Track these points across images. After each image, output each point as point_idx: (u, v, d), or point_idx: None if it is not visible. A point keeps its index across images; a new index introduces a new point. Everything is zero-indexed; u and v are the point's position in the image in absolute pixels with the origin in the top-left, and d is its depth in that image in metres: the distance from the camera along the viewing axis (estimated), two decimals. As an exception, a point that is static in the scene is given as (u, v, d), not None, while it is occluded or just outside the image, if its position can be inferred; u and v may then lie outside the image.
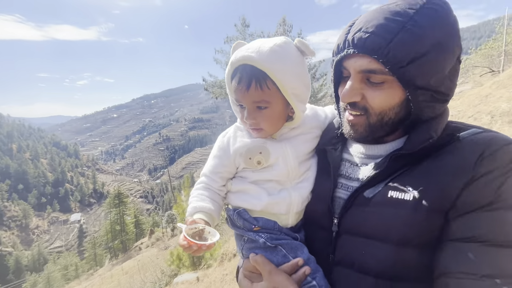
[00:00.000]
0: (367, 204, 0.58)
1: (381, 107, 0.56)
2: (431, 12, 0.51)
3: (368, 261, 0.56)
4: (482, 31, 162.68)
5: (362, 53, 0.54)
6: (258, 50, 0.60)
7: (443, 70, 0.53)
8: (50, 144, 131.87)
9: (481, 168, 0.49)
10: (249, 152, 0.68)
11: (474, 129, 0.56)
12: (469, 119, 6.45)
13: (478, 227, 0.47)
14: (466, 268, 0.46)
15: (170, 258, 8.50)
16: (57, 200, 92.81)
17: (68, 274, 32.24)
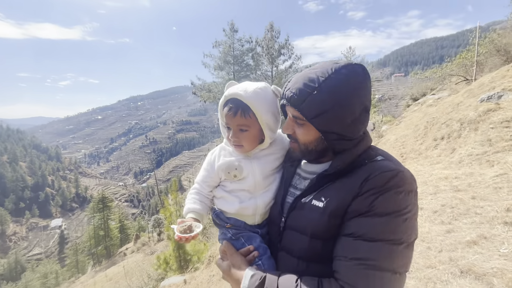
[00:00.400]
0: (301, 208, 0.78)
1: (303, 140, 0.79)
2: (334, 81, 0.70)
3: (294, 247, 0.78)
4: (460, 39, 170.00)
5: (289, 105, 0.77)
6: (245, 89, 0.84)
7: (344, 122, 0.71)
8: (30, 147, 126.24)
9: (364, 188, 0.68)
10: (228, 167, 0.92)
11: (378, 157, 0.75)
12: (442, 125, 6.89)
13: (356, 227, 0.66)
14: (343, 253, 0.66)
15: (157, 262, 8.46)
16: (37, 205, 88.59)
17: (47, 283, 30.86)
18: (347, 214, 0.69)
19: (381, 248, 0.62)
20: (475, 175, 3.43)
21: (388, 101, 60.48)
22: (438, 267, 1.96)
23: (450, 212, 2.67)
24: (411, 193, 0.68)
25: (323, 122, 0.71)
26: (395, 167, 0.69)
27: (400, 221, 0.64)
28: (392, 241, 0.63)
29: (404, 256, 0.64)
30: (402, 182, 0.67)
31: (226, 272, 0.82)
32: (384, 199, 0.65)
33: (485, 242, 2.04)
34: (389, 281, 0.61)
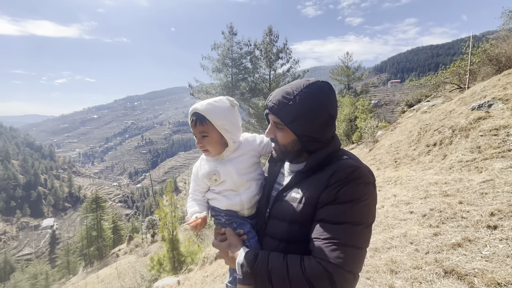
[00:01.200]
0: (282, 200, 0.94)
1: (283, 142, 0.95)
2: (305, 94, 0.87)
3: (276, 232, 0.93)
4: (455, 48, 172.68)
5: (271, 113, 0.93)
6: (201, 104, 1.01)
7: (313, 126, 0.87)
8: (23, 145, 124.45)
9: (330, 181, 0.83)
10: (208, 175, 1.09)
11: (343, 157, 0.91)
12: (434, 132, 7.04)
13: (325, 213, 0.81)
14: (316, 235, 0.80)
15: (150, 263, 8.44)
16: (28, 204, 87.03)
17: (37, 284, 30.28)
18: (319, 203, 0.84)
19: (345, 229, 0.77)
20: (464, 181, 3.54)
21: (384, 107, 61.01)
22: (424, 268, 2.04)
23: (438, 216, 2.76)
24: (368, 184, 0.83)
25: (298, 126, 0.87)
26: (355, 164, 0.85)
27: (359, 207, 0.80)
28: (354, 223, 0.78)
29: (364, 235, 0.80)
30: (360, 175, 0.83)
31: (223, 250, 0.96)
32: (346, 190, 0.80)
33: (469, 244, 2.13)
34: (352, 254, 0.76)
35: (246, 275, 0.85)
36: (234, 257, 0.90)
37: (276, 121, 0.93)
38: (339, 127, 18.23)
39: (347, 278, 0.74)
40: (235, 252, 0.92)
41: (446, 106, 9.42)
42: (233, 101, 1.06)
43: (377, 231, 3.02)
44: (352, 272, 0.75)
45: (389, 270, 2.21)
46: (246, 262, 0.85)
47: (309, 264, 0.77)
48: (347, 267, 0.74)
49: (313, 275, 0.74)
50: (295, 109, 0.86)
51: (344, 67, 28.08)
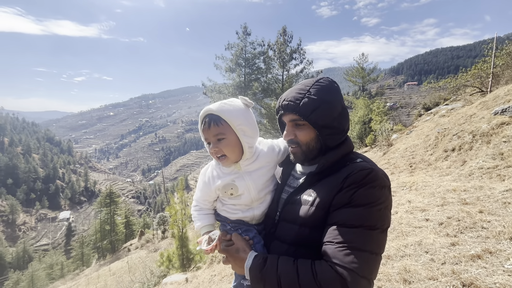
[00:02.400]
0: (294, 203, 0.91)
1: (305, 140, 0.91)
2: (318, 86, 0.89)
3: (286, 236, 0.90)
4: (477, 50, 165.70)
5: (288, 112, 0.91)
6: (214, 105, 0.94)
7: (332, 114, 0.87)
8: (43, 139, 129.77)
9: (345, 183, 0.81)
10: (224, 187, 1.00)
11: (357, 159, 0.89)
12: (453, 137, 6.77)
13: (339, 216, 0.79)
14: (329, 238, 0.77)
15: (160, 259, 8.56)
16: (47, 197, 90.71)
17: (53, 273, 31.44)
18: (332, 206, 0.82)
19: (360, 233, 0.75)
20: (485, 188, 3.37)
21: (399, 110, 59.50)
22: (440, 279, 1.94)
23: (456, 225, 2.63)
24: (384, 188, 0.81)
25: (317, 117, 0.86)
26: (370, 167, 0.83)
27: (375, 211, 0.77)
28: (368, 227, 0.75)
29: (379, 240, 0.77)
30: (376, 178, 0.80)
31: (231, 255, 0.93)
32: (361, 192, 0.78)
33: (490, 256, 2.01)
34: (367, 260, 0.73)
35: (254, 279, 0.82)
36: (242, 262, 0.88)
37: (294, 119, 0.90)
38: (352, 129, 17.89)
39: (361, 284, 0.71)
40: (243, 256, 0.89)
41: (466, 110, 9.04)
42: (247, 101, 0.99)
43: (390, 238, 2.91)
44: (366, 278, 0.72)
45: (402, 279, 2.12)
46: (255, 266, 0.83)
47: (320, 268, 0.74)
48: (362, 272, 0.71)
49: (325, 280, 0.71)
50: (313, 100, 0.86)
51: (359, 68, 27.51)
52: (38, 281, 28.96)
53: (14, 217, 76.27)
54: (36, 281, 28.86)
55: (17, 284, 29.21)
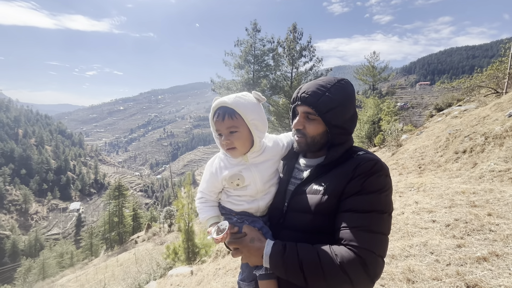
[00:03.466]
0: (302, 193, 0.95)
1: (312, 133, 0.96)
2: (339, 87, 0.93)
3: (297, 224, 0.95)
4: (494, 49, 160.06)
5: (304, 104, 0.94)
6: (228, 97, 0.95)
7: (345, 117, 0.94)
8: (55, 132, 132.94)
9: (355, 173, 0.87)
10: (231, 178, 1.02)
11: (361, 151, 0.95)
12: (465, 138, 6.63)
13: (352, 203, 0.84)
14: (345, 224, 0.83)
15: (166, 251, 8.71)
16: (58, 188, 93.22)
17: (63, 262, 32.42)
18: (344, 194, 0.87)
19: (373, 217, 0.82)
20: (495, 191, 3.30)
21: (410, 110, 58.31)
22: (444, 280, 1.93)
23: (463, 227, 2.60)
24: (387, 176, 0.89)
25: (331, 117, 0.91)
26: (375, 158, 0.91)
27: (383, 196, 0.85)
28: (379, 211, 0.83)
29: (387, 222, 0.85)
30: (381, 168, 0.88)
31: (246, 245, 0.93)
32: (371, 181, 0.86)
33: (496, 259, 1.99)
34: (381, 240, 0.81)
35: (276, 265, 0.85)
36: (259, 250, 0.90)
37: (309, 112, 0.94)
38: (361, 128, 17.67)
39: (378, 262, 0.78)
40: (259, 245, 0.91)
41: (480, 111, 8.81)
42: (260, 96, 1.00)
43: (395, 238, 2.90)
44: (382, 257, 0.80)
45: (405, 278, 2.12)
46: (276, 253, 0.86)
47: (339, 251, 0.79)
48: (378, 251, 0.79)
49: (346, 261, 0.77)
50: (331, 99, 0.90)
51: (369, 67, 27.06)
52: (49, 268, 29.92)
53: (27, 206, 78.75)
54: (47, 268, 29.82)
55: (29, 271, 30.26)
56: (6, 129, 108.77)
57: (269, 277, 0.96)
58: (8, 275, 33.81)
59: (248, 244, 0.93)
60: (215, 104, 0.96)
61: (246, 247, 0.93)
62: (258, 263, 0.91)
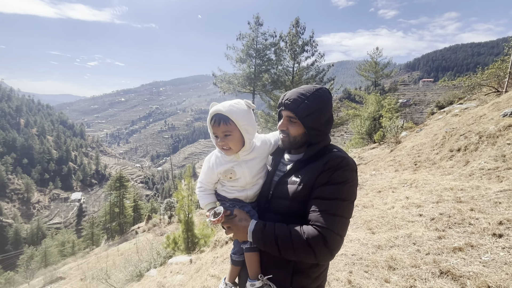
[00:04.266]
0: (284, 183, 1.14)
1: (294, 134, 1.14)
2: (316, 95, 1.10)
3: (279, 208, 1.13)
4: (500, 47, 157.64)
5: (287, 110, 1.12)
6: (223, 105, 1.12)
7: (321, 121, 1.10)
8: (57, 122, 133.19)
9: (325, 167, 1.04)
10: (225, 172, 1.22)
11: (334, 150, 1.12)
12: (460, 137, 6.75)
13: (321, 192, 1.02)
14: (313, 208, 1.00)
15: (166, 241, 8.96)
16: (60, 178, 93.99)
17: (64, 251, 33.01)
18: (315, 185, 1.04)
19: (336, 203, 0.99)
20: (481, 188, 3.46)
21: (412, 107, 58.07)
22: (422, 267, 2.10)
23: (446, 221, 2.76)
24: (353, 171, 1.05)
25: (309, 121, 1.09)
26: (343, 155, 1.07)
27: (346, 187, 1.02)
28: (342, 199, 1.00)
29: (349, 208, 1.02)
30: (347, 163, 1.04)
31: (235, 224, 1.15)
32: (337, 174, 1.02)
33: (471, 249, 2.15)
34: (340, 222, 0.98)
35: (256, 240, 1.06)
36: (245, 228, 1.10)
37: (291, 116, 1.12)
38: (362, 125, 17.74)
39: (335, 238, 0.95)
40: (246, 224, 1.12)
41: (478, 110, 8.90)
42: (250, 104, 1.18)
43: (383, 230, 3.08)
44: (339, 235, 0.96)
45: (387, 266, 2.29)
46: (257, 229, 1.06)
47: (307, 229, 0.97)
48: (336, 230, 0.96)
49: (311, 237, 0.94)
50: (309, 106, 1.07)
51: (372, 63, 26.89)
52: (50, 257, 30.48)
53: (29, 195, 79.59)
54: (48, 256, 30.39)
55: (31, 259, 30.83)
56: (8, 119, 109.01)
57: (253, 250, 1.17)
58: (11, 262, 34.49)
59: (237, 223, 1.14)
60: (212, 111, 1.14)
61: (235, 225, 1.15)
62: (245, 239, 1.11)
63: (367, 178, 6.63)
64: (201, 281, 4.04)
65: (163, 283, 5.37)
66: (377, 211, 3.79)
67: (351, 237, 3.12)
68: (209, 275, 4.10)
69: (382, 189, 5.12)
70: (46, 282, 18.05)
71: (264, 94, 17.15)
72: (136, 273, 7.50)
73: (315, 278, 1.10)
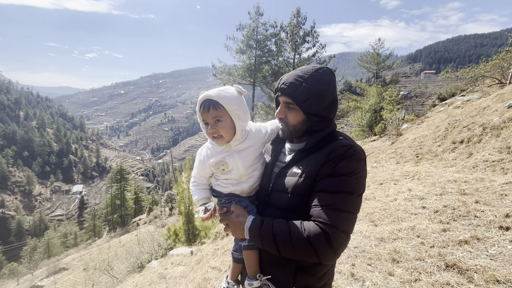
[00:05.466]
0: (284, 175, 1.04)
1: (293, 122, 1.04)
2: (316, 77, 0.98)
3: (279, 203, 1.04)
4: (504, 38, 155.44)
5: (283, 95, 1.02)
6: (212, 91, 1.05)
7: (322, 105, 0.98)
8: (56, 115, 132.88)
9: (328, 157, 0.93)
10: (217, 164, 1.14)
11: (339, 137, 1.01)
12: (463, 129, 6.67)
13: (324, 185, 0.92)
14: (315, 202, 0.90)
15: (167, 233, 9.01)
16: (61, 170, 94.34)
17: (67, 242, 33.42)
18: (318, 177, 0.94)
19: (340, 197, 0.89)
20: (485, 180, 3.40)
21: (414, 99, 57.68)
22: (426, 260, 2.06)
23: (450, 213, 2.71)
24: (360, 161, 0.94)
25: (308, 106, 0.97)
26: (349, 143, 0.95)
27: (353, 179, 0.91)
28: (347, 192, 0.89)
29: (355, 203, 0.91)
30: (354, 152, 0.93)
31: (232, 220, 1.08)
32: (342, 165, 0.91)
33: (477, 242, 2.11)
34: (345, 218, 0.88)
35: (253, 237, 0.98)
36: (242, 224, 1.03)
37: (288, 102, 1.01)
38: (363, 117, 17.63)
39: (340, 236, 0.86)
40: (243, 220, 1.04)
41: (481, 102, 8.79)
42: (240, 89, 1.10)
43: (386, 223, 3.04)
44: (345, 232, 0.87)
45: (391, 259, 2.25)
46: (254, 226, 0.98)
47: (308, 226, 0.88)
48: (341, 227, 0.86)
49: (312, 234, 0.86)
50: (308, 90, 0.95)
51: (374, 54, 26.52)
52: (53, 248, 30.89)
53: (31, 188, 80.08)
54: (51, 248, 30.79)
55: (35, 250, 31.22)
56: (7, 111, 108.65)
57: (251, 247, 1.11)
58: (15, 253, 34.96)
59: (234, 220, 1.07)
60: (201, 97, 1.06)
61: (232, 222, 1.07)
62: (243, 236, 1.04)
63: (368, 170, 6.58)
64: (202, 273, 4.03)
65: (164, 274, 5.40)
66: (379, 204, 3.75)
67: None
68: (210, 267, 4.10)
69: (384, 181, 5.08)
70: (50, 273, 18.31)
71: (264, 86, 16.97)
72: (138, 264, 7.55)
73: (320, 276, 1.02)
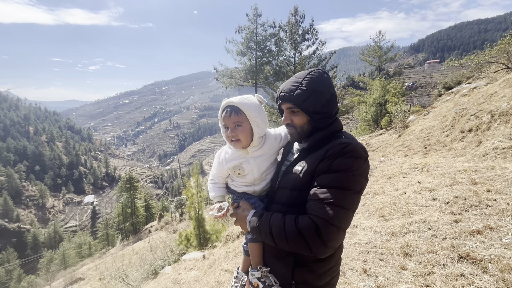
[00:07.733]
0: (288, 173, 1.11)
1: (299, 124, 1.10)
2: (309, 79, 1.06)
3: (281, 198, 1.12)
4: (508, 22, 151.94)
5: (284, 102, 1.10)
6: (235, 98, 1.15)
7: (321, 102, 1.05)
8: (65, 128, 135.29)
9: (325, 155, 0.99)
10: (234, 168, 1.24)
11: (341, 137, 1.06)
12: (471, 117, 6.55)
13: (320, 180, 0.97)
14: (311, 197, 0.96)
15: (179, 238, 9.07)
16: (72, 182, 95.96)
17: (82, 252, 33.97)
18: (315, 173, 1.00)
19: (334, 192, 0.92)
20: (496, 168, 3.34)
21: (419, 90, 56.89)
22: (439, 253, 2.04)
23: (461, 204, 2.67)
24: (358, 158, 0.97)
25: (308, 105, 1.04)
26: (347, 141, 1.00)
27: (348, 176, 0.94)
28: (342, 188, 0.92)
29: (351, 199, 0.94)
30: (350, 150, 0.97)
31: (239, 214, 1.19)
32: (338, 161, 0.96)
33: (490, 232, 2.08)
34: (338, 212, 0.90)
35: (253, 229, 1.07)
36: (245, 218, 1.13)
37: (290, 107, 1.09)
38: (367, 111, 17.45)
39: (331, 229, 0.89)
40: (246, 213, 1.14)
41: (488, 88, 8.61)
42: (261, 98, 1.19)
43: (396, 217, 3.01)
44: (336, 226, 0.90)
45: (403, 253, 2.23)
46: (253, 219, 1.07)
47: (301, 219, 0.93)
48: (332, 221, 0.88)
49: (304, 227, 0.91)
50: (304, 91, 1.03)
51: (375, 47, 26.18)
52: (69, 259, 31.40)
53: (44, 201, 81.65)
54: (67, 259, 31.31)
55: (51, 262, 31.79)
56: (17, 127, 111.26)
57: (255, 240, 1.20)
58: (32, 266, 35.69)
59: (240, 214, 1.18)
60: (224, 103, 1.17)
61: (239, 216, 1.19)
62: (247, 229, 1.13)
63: (376, 164, 6.52)
64: (215, 276, 4.06)
65: (178, 279, 5.44)
66: (388, 198, 3.71)
67: (363, 225, 3.07)
68: (223, 270, 4.12)
69: (392, 175, 5.03)
70: (67, 284, 18.61)
71: (267, 87, 16.98)
72: (152, 271, 7.62)
73: (321, 274, 1.05)
